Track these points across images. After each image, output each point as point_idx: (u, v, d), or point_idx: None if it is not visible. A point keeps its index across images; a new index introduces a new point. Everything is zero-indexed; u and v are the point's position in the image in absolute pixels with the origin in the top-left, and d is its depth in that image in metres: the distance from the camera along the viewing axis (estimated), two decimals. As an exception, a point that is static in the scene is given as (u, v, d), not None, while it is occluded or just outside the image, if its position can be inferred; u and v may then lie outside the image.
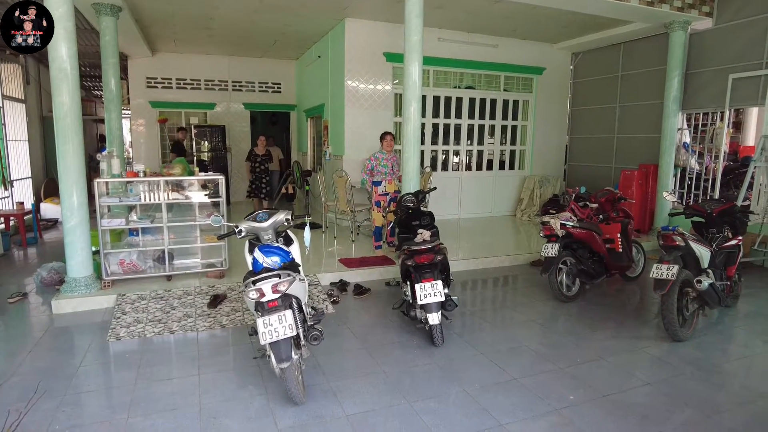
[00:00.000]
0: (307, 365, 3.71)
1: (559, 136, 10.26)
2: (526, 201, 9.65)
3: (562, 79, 9.95)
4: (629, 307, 5.36)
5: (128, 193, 5.23)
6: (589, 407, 3.21)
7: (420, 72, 5.82)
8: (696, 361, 3.90)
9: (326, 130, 9.17)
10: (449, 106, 9.12)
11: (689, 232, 4.46)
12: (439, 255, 3.96)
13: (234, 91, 11.24)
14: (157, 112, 10.71)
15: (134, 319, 4.52)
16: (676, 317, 4.11)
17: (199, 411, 3.12)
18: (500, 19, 7.79)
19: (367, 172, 6.39)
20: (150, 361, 3.84)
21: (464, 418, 3.06)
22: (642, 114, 8.55)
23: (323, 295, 5.20)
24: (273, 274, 3.02)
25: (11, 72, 9.17)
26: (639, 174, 7.96)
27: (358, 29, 7.97)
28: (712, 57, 7.36)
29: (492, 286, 6.05)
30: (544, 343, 4.25)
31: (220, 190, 5.44)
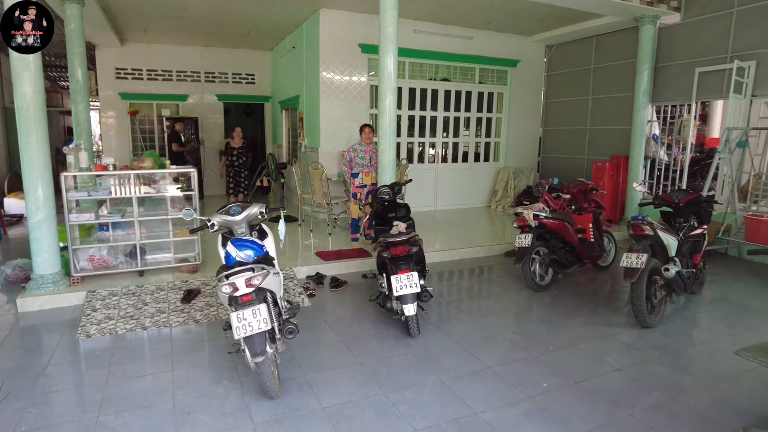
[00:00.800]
0: (282, 359, 3.69)
1: (533, 128, 10.38)
2: (501, 192, 9.76)
3: (536, 71, 10.05)
4: (601, 295, 5.48)
5: (97, 187, 5.09)
6: (561, 394, 3.28)
7: (395, 64, 5.80)
8: (663, 347, 4.02)
9: (301, 122, 9.09)
10: (425, 98, 9.13)
11: (658, 222, 4.58)
12: (414, 247, 3.98)
13: (207, 82, 11.03)
14: (127, 104, 10.43)
15: (105, 316, 4.42)
16: (645, 304, 4.22)
17: (172, 407, 3.08)
18: (476, 11, 7.82)
19: (346, 164, 6.36)
20: (122, 358, 3.76)
21: (440, 407, 3.10)
22: (613, 106, 8.72)
23: (299, 288, 5.17)
24: (246, 267, 2.98)
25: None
26: (610, 165, 8.12)
27: (333, 20, 7.89)
28: (680, 51, 7.53)
29: (467, 277, 6.12)
30: (518, 332, 4.32)
31: (192, 184, 5.35)
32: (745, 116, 6.63)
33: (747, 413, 3.08)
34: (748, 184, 6.72)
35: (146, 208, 5.52)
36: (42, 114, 4.58)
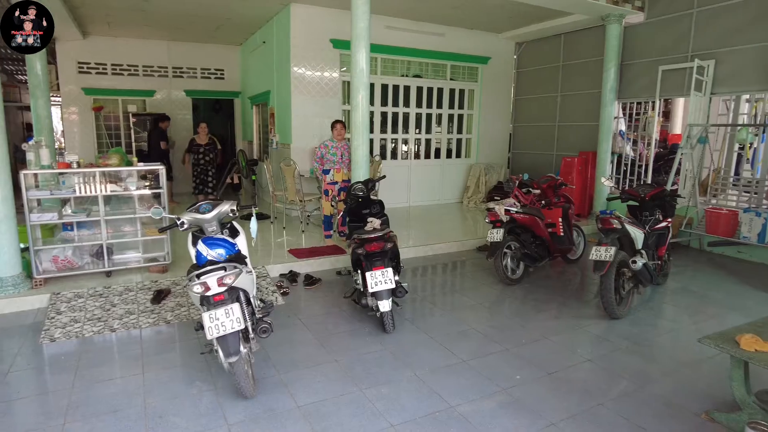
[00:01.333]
0: (257, 358, 3.65)
1: (504, 125, 10.52)
2: (473, 188, 9.86)
3: (507, 68, 10.18)
4: (571, 288, 5.61)
5: (60, 185, 4.90)
6: (534, 385, 3.34)
7: (367, 59, 5.78)
8: (631, 337, 4.14)
9: (272, 117, 8.97)
10: (397, 94, 9.14)
11: (625, 216, 4.71)
12: (389, 243, 3.98)
13: (175, 77, 10.75)
14: (92, 100, 10.07)
15: (71, 319, 4.27)
16: (614, 296, 4.34)
17: (144, 411, 3.01)
18: (448, 8, 7.86)
19: (317, 160, 6.31)
20: (89, 362, 3.65)
21: (415, 402, 3.12)
22: (581, 103, 8.91)
23: (272, 286, 5.11)
24: (218, 266, 2.93)
25: None
26: (579, 161, 8.30)
27: (304, 15, 7.80)
28: (645, 49, 7.75)
29: (441, 272, 6.16)
30: (491, 326, 4.38)
31: (161, 181, 5.22)
32: (705, 113, 6.87)
33: (709, 397, 3.20)
34: (708, 178, 6.97)
35: (113, 207, 5.35)
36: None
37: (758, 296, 5.17)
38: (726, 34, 6.66)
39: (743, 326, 3.10)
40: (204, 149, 8.60)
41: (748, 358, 2.69)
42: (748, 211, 5.85)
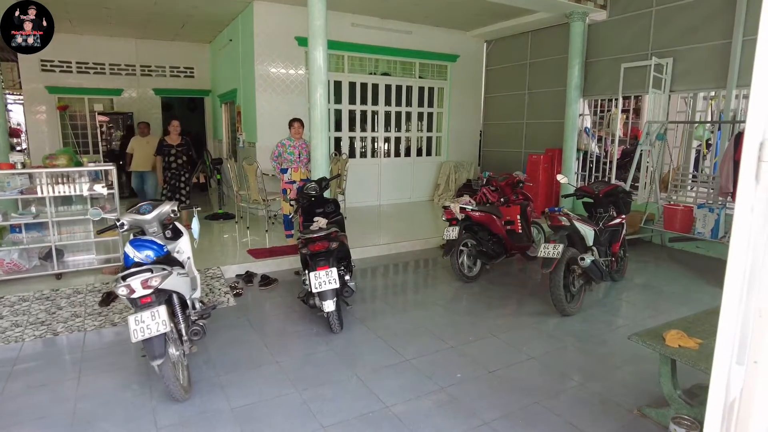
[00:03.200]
0: (198, 360, 3.62)
1: (474, 123, 10.55)
2: (443, 186, 9.88)
3: (476, 66, 10.20)
4: (528, 285, 5.63)
5: (5, 186, 4.80)
6: (474, 384, 3.34)
7: (325, 57, 5.74)
8: (579, 334, 4.17)
9: (239, 116, 8.89)
10: (365, 92, 9.11)
11: (576, 213, 4.74)
12: (333, 242, 3.95)
13: (143, 76, 10.60)
14: (56, 99, 9.89)
15: (12, 323, 4.18)
16: (563, 293, 4.37)
17: (72, 417, 2.95)
18: (410, 5, 7.84)
19: (274, 159, 6.26)
20: (24, 368, 3.57)
21: (351, 403, 3.10)
22: (548, 100, 8.95)
23: (225, 287, 5.06)
24: (144, 269, 2.88)
25: None
26: (545, 158, 8.35)
27: (268, 12, 7.73)
28: (608, 47, 7.81)
29: (401, 271, 6.15)
30: (441, 324, 4.37)
31: (113, 181, 5.14)
32: (664, 110, 6.95)
33: (645, 393, 3.23)
34: (669, 174, 7.05)
35: (68, 208, 5.25)
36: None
37: (712, 291, 5.23)
38: (683, 32, 6.74)
39: (675, 322, 3.14)
40: (176, 150, 7.26)
41: (670, 354, 2.71)
42: (702, 207, 5.92)
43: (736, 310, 0.92)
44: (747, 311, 0.89)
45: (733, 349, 0.93)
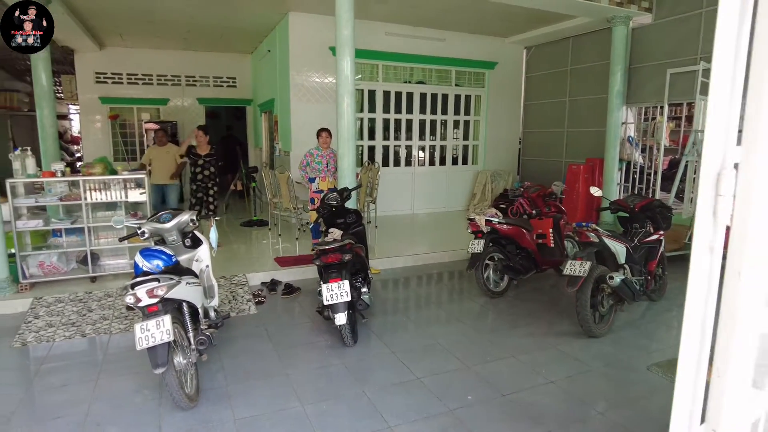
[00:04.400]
0: (211, 368, 3.66)
1: (512, 131, 10.29)
2: (479, 196, 9.67)
3: (515, 73, 9.96)
4: (558, 303, 5.36)
5: (47, 193, 5.07)
6: (484, 407, 3.20)
7: (352, 67, 5.74)
8: (606, 357, 3.92)
9: (276, 125, 9.06)
10: (400, 101, 9.06)
11: (606, 229, 4.48)
12: (347, 255, 3.90)
13: (188, 86, 11.02)
14: (108, 108, 10.45)
15: (46, 323, 4.40)
16: (590, 313, 4.13)
17: (84, 418, 3.04)
18: (443, 12, 7.75)
19: (302, 168, 6.31)
20: (50, 367, 3.74)
21: (353, 421, 3.03)
22: (589, 108, 8.60)
23: (248, 295, 5.12)
24: (151, 278, 2.94)
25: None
26: (585, 168, 8.01)
27: (302, 23, 7.85)
28: (653, 52, 7.42)
29: (426, 283, 6.03)
30: (459, 341, 4.23)
31: (147, 188, 5.33)
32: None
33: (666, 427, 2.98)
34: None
35: (105, 214, 5.48)
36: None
37: (762, 315, 4.81)
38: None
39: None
40: (203, 161, 6.85)
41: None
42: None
43: (695, 367, 0.79)
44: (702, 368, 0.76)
45: (692, 414, 0.80)
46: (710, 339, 0.79)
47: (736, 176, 0.71)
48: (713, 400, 0.76)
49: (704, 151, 0.76)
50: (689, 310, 0.79)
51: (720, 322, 0.75)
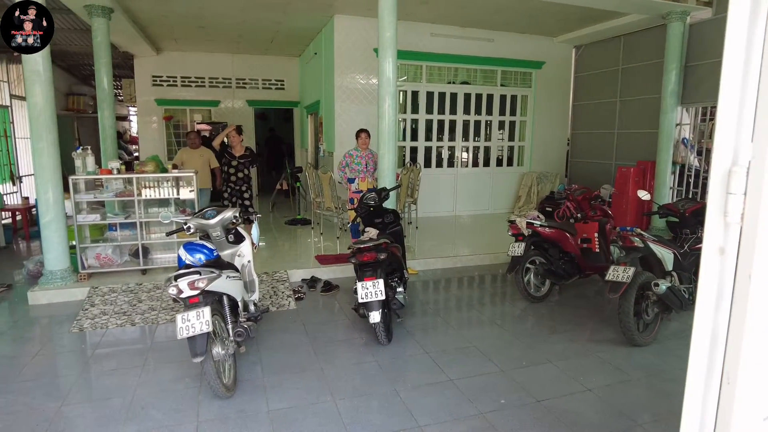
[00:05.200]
0: (249, 360, 3.78)
1: (560, 132, 10.02)
2: (524, 198, 9.47)
3: (563, 73, 9.69)
4: (602, 310, 5.18)
5: (104, 189, 5.39)
6: (517, 412, 3.14)
7: (394, 68, 5.77)
8: (648, 367, 3.77)
9: (321, 126, 9.23)
10: (443, 101, 9.02)
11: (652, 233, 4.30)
12: (382, 254, 3.93)
13: (238, 88, 11.41)
14: (163, 110, 10.97)
15: (101, 311, 4.68)
16: (634, 321, 3.97)
17: (130, 401, 3.22)
18: (491, 12, 7.66)
19: (341, 168, 6.40)
20: (103, 352, 3.97)
21: (384, 418, 3.05)
22: (641, 109, 8.26)
23: (289, 291, 5.24)
24: (192, 271, 3.07)
25: (20, 73, 9.57)
26: (635, 171, 7.69)
27: (347, 25, 7.97)
28: (712, 48, 7.03)
29: (464, 285, 5.97)
30: (495, 344, 4.17)
31: (195, 186, 5.56)
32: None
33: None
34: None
35: (156, 210, 5.77)
36: (52, 122, 4.92)
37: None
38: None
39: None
40: (238, 163, 6.57)
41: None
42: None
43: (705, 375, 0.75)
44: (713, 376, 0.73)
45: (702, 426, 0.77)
46: (723, 346, 0.75)
47: (747, 174, 0.68)
48: (723, 409, 0.73)
49: (714, 147, 0.73)
50: (699, 315, 0.75)
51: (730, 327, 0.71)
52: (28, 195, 8.68)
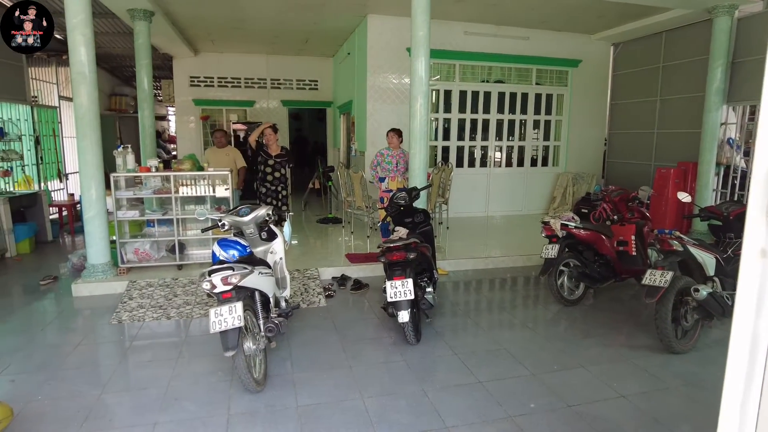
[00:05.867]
0: (279, 356, 3.84)
1: (597, 132, 9.76)
2: (559, 199, 9.28)
3: (601, 71, 9.44)
4: (638, 315, 5.02)
5: (144, 186, 5.58)
6: (547, 417, 3.08)
7: (426, 68, 5.75)
8: (687, 376, 3.63)
9: (353, 126, 9.28)
10: (477, 100, 8.93)
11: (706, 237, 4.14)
12: (412, 253, 3.92)
13: (272, 88, 11.60)
14: (200, 110, 11.26)
15: (138, 305, 4.84)
16: (671, 328, 3.84)
17: (165, 392, 3.32)
18: (526, 10, 7.53)
19: (373, 168, 6.42)
20: (139, 344, 4.11)
21: (411, 418, 3.05)
22: (683, 108, 7.95)
23: (319, 288, 5.30)
24: (226, 266, 3.14)
25: (68, 75, 10.00)
26: (676, 172, 7.42)
27: (381, 25, 7.99)
28: (762, 44, 6.70)
29: (495, 287, 5.89)
30: (526, 347, 4.10)
31: (230, 184, 5.69)
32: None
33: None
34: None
35: (192, 207, 5.93)
36: (96, 122, 5.12)
37: None
38: None
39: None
40: (275, 162, 6.43)
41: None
42: None
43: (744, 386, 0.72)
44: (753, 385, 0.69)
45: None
46: (764, 353, 0.72)
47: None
48: (763, 420, 0.69)
49: (756, 145, 0.69)
50: (738, 320, 0.72)
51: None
52: (74, 192, 9.05)
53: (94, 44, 5.04)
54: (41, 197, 7.62)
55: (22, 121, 8.23)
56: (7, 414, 2.70)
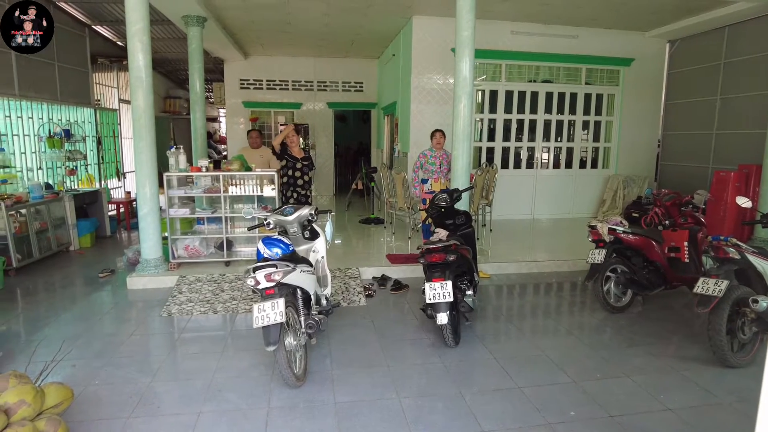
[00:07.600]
0: (320, 352, 3.92)
1: (650, 133, 9.36)
2: (609, 202, 8.97)
3: (655, 70, 9.04)
4: (690, 325, 4.79)
5: (194, 185, 5.82)
6: (587, 426, 3.00)
7: (470, 68, 5.71)
8: (742, 391, 3.43)
9: (397, 127, 9.32)
10: (523, 101, 8.76)
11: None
12: (452, 255, 3.90)
13: (319, 90, 11.82)
14: (249, 112, 11.62)
15: (187, 299, 5.06)
16: (726, 340, 3.64)
17: (209, 383, 3.46)
18: (575, 8, 7.33)
19: (416, 170, 6.42)
20: (187, 336, 4.30)
21: (447, 420, 3.04)
22: (746, 107, 7.50)
23: (360, 288, 5.36)
24: (269, 264, 3.24)
25: (128, 79, 10.57)
26: (737, 176, 7.00)
27: (426, 26, 7.99)
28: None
29: (539, 292, 5.75)
30: (568, 354, 3.99)
31: (276, 185, 5.84)
32: None
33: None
34: None
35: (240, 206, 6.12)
36: (151, 123, 5.39)
37: None
38: None
39: None
40: (302, 165, 6.26)
41: None
42: None
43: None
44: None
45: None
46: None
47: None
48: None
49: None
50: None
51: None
52: (130, 190, 9.55)
53: (150, 50, 5.31)
54: (101, 195, 8.10)
55: (86, 123, 8.76)
56: (68, 396, 2.90)
